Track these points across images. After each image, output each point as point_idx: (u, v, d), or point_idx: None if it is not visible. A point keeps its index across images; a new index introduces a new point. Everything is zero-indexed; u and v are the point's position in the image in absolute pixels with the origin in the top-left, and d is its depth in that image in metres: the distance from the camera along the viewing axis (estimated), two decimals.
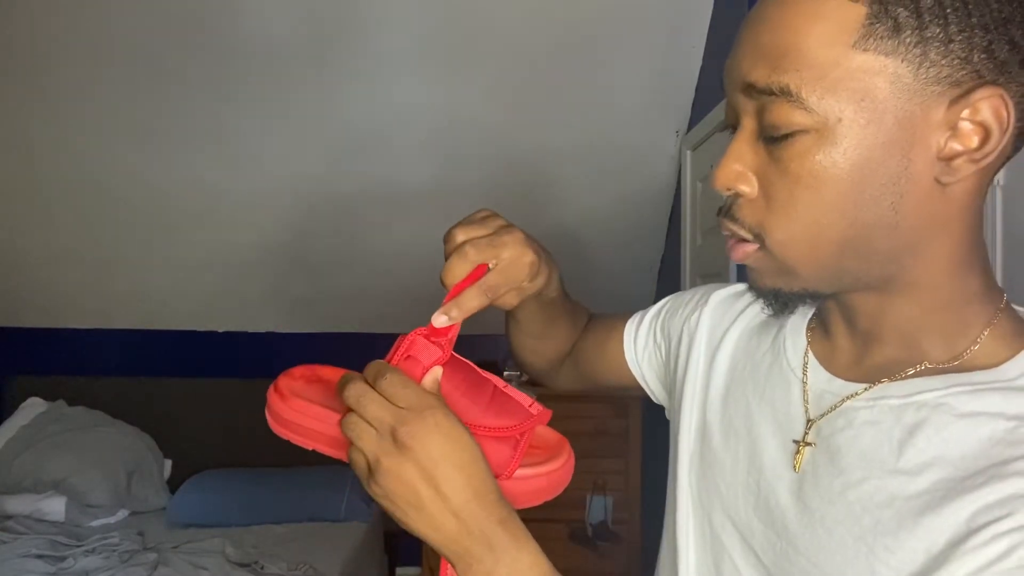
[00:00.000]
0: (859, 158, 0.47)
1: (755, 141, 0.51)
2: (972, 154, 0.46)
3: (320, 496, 2.68)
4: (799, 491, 0.53)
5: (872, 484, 0.49)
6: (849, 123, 0.46)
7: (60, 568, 2.18)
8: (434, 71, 2.28)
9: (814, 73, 0.46)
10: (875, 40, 0.45)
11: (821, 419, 0.54)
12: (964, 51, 0.44)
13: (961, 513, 0.44)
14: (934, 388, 0.50)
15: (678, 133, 2.42)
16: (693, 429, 0.66)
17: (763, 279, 0.54)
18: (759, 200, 0.51)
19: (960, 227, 0.49)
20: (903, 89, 0.45)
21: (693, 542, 0.63)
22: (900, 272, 0.50)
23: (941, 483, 0.47)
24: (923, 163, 0.47)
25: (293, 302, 2.98)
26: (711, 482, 0.62)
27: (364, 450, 0.51)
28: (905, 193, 0.47)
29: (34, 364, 3.07)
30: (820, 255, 0.50)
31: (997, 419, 0.47)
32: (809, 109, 0.46)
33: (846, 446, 0.52)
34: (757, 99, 0.49)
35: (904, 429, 0.49)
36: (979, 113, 0.45)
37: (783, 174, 0.49)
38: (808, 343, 0.59)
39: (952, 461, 0.47)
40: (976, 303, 0.51)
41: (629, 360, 0.80)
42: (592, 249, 2.76)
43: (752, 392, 0.61)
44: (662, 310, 0.79)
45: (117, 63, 2.22)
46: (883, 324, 0.53)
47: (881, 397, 0.51)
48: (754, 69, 0.49)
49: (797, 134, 0.47)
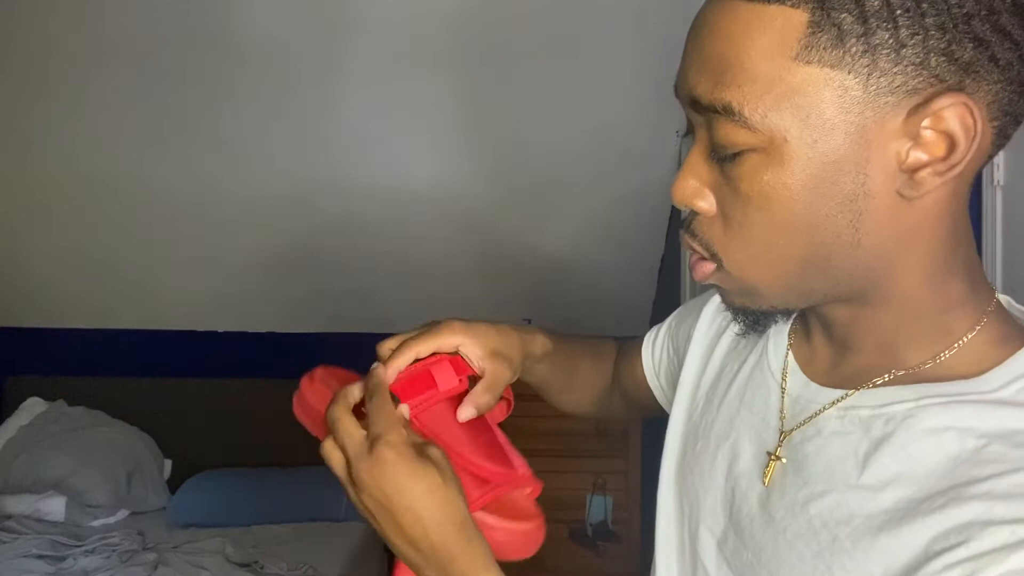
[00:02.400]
0: (809, 178, 0.43)
1: (709, 157, 0.48)
2: (938, 164, 0.42)
3: (320, 496, 2.68)
4: (767, 501, 0.52)
5: (833, 498, 0.47)
6: (796, 142, 0.43)
7: (60, 568, 2.18)
8: (433, 71, 2.28)
9: (756, 89, 0.43)
10: (818, 51, 0.41)
11: (794, 431, 0.52)
12: (919, 56, 0.40)
13: (919, 537, 0.42)
14: (905, 399, 0.47)
15: (678, 133, 2.42)
16: (679, 432, 0.65)
17: (730, 297, 0.52)
18: (716, 218, 0.48)
19: (934, 237, 0.46)
20: (853, 103, 0.42)
21: (675, 548, 0.62)
22: (872, 286, 0.48)
23: (902, 502, 0.44)
24: (883, 177, 0.43)
25: (293, 302, 2.98)
26: (690, 487, 0.61)
27: (336, 475, 0.56)
28: (864, 211, 0.44)
29: (34, 364, 3.07)
30: (780, 275, 0.48)
31: (966, 436, 0.44)
32: (753, 128, 0.43)
33: (813, 456, 0.50)
34: (704, 114, 0.46)
35: (871, 442, 0.47)
36: (943, 122, 0.42)
37: (735, 193, 0.46)
38: (790, 346, 0.57)
39: (916, 479, 0.44)
40: (958, 309, 0.48)
41: (648, 377, 0.79)
42: (592, 249, 2.76)
43: (735, 395, 0.60)
44: (672, 323, 0.77)
45: (117, 63, 2.22)
46: (859, 333, 0.51)
47: (852, 407, 0.49)
48: (698, 84, 0.46)
49: (745, 153, 0.44)
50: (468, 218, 2.65)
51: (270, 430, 2.74)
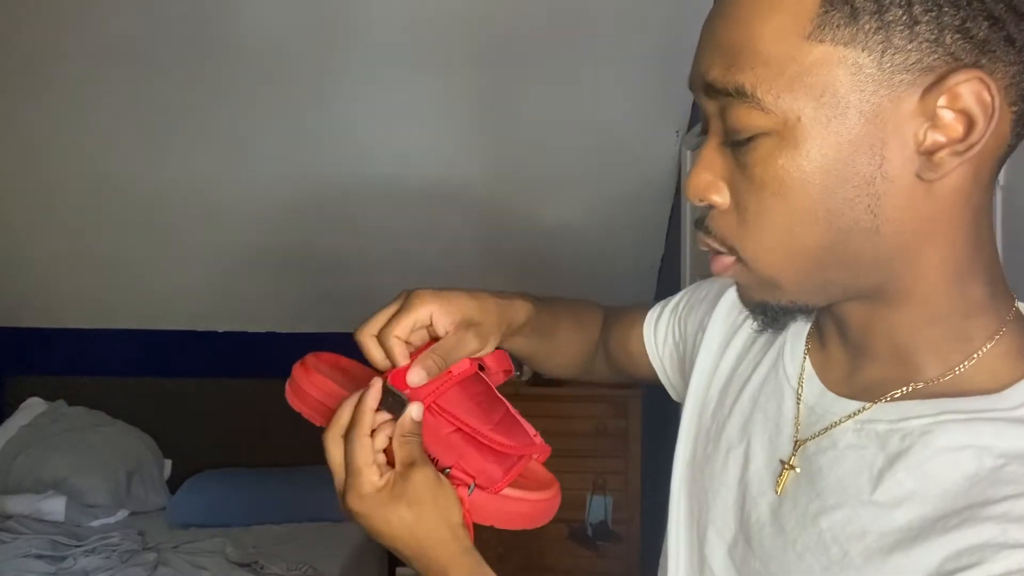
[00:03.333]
0: (825, 160, 0.43)
1: (722, 147, 0.47)
2: (956, 145, 0.41)
3: (320, 496, 2.68)
4: (778, 511, 0.51)
5: (845, 513, 0.47)
6: (810, 122, 0.42)
7: (60, 568, 2.18)
8: (433, 70, 2.27)
9: (770, 71, 0.43)
10: (831, 30, 0.41)
11: (808, 441, 0.51)
12: (933, 33, 0.40)
13: (932, 557, 0.42)
14: (923, 415, 0.46)
15: (678, 133, 2.42)
16: (691, 433, 0.65)
17: (748, 293, 0.51)
18: (731, 211, 0.48)
19: (955, 229, 0.45)
20: (866, 80, 0.41)
21: (684, 550, 0.61)
22: (892, 280, 0.46)
23: (916, 521, 0.43)
24: (900, 159, 0.42)
25: (293, 302, 2.98)
26: (701, 489, 0.60)
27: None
28: (883, 194, 0.43)
29: (34, 364, 3.07)
30: (799, 265, 0.47)
31: (984, 455, 0.43)
32: (766, 109, 0.43)
33: (827, 468, 0.49)
34: (717, 99, 0.46)
35: (886, 458, 0.46)
36: (959, 100, 0.41)
37: (749, 181, 0.46)
38: (807, 351, 0.56)
39: (931, 498, 0.44)
40: (979, 315, 0.47)
41: (651, 355, 0.78)
42: (592, 249, 2.76)
43: (749, 399, 0.59)
44: (679, 305, 0.76)
45: (117, 63, 2.22)
46: (875, 335, 0.50)
47: (870, 420, 0.48)
48: (712, 68, 0.45)
49: (758, 137, 0.44)
50: (468, 218, 2.65)
51: (270, 430, 2.74)
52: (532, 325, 0.73)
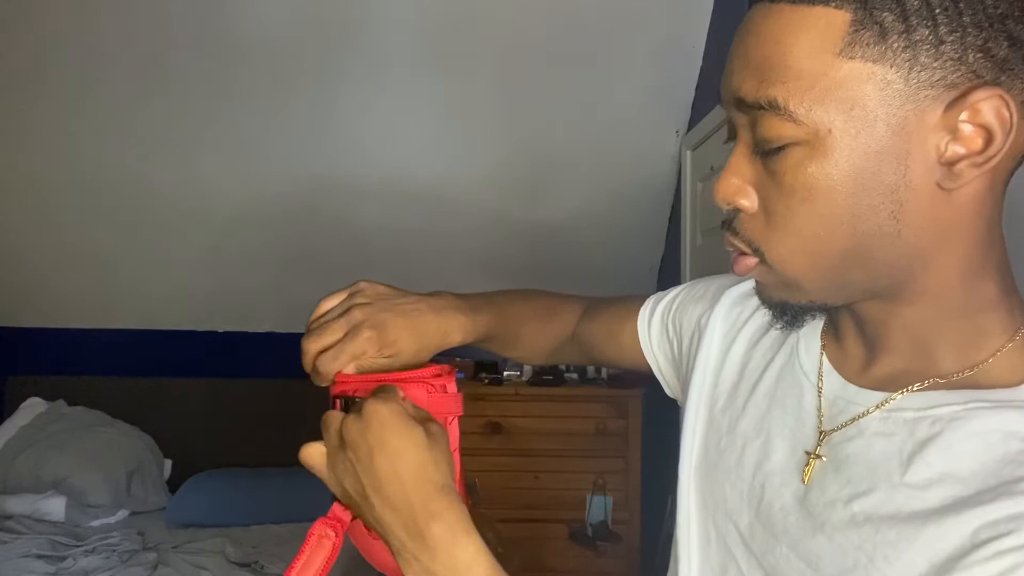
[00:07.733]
0: (853, 168, 0.45)
1: (752, 154, 0.50)
2: (975, 157, 0.44)
3: (320, 496, 2.67)
4: (804, 498, 0.53)
5: (877, 496, 0.49)
6: (840, 133, 0.45)
7: (60, 568, 2.18)
8: (434, 71, 2.28)
9: (801, 84, 0.45)
10: (861, 47, 0.44)
11: (834, 431, 0.53)
12: (957, 52, 0.43)
13: (966, 527, 0.43)
14: (952, 403, 0.48)
15: (678, 133, 2.42)
16: (699, 429, 0.65)
17: (769, 292, 0.54)
18: (758, 214, 0.50)
19: (971, 233, 0.48)
20: (894, 95, 0.44)
21: (696, 544, 0.62)
22: (910, 280, 0.49)
23: (949, 499, 0.45)
24: (923, 170, 0.45)
25: (293, 302, 2.97)
26: (715, 483, 0.61)
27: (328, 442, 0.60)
28: (905, 202, 0.46)
29: (34, 364, 3.07)
30: (822, 267, 0.49)
31: (1011, 439, 0.45)
32: (798, 121, 0.46)
33: (855, 455, 0.51)
34: (749, 113, 0.48)
35: (916, 443, 0.48)
36: (979, 115, 0.44)
37: (778, 187, 0.48)
38: (823, 347, 0.58)
39: (962, 479, 0.45)
40: (992, 311, 0.50)
41: (645, 350, 0.80)
42: (592, 249, 2.76)
43: (764, 395, 0.61)
44: (674, 301, 0.78)
45: (117, 63, 2.22)
46: (892, 331, 0.52)
47: (897, 409, 0.50)
48: (744, 84, 0.48)
49: (789, 146, 0.47)
50: (467, 218, 2.65)
51: (270, 430, 2.74)
52: (486, 333, 0.76)
